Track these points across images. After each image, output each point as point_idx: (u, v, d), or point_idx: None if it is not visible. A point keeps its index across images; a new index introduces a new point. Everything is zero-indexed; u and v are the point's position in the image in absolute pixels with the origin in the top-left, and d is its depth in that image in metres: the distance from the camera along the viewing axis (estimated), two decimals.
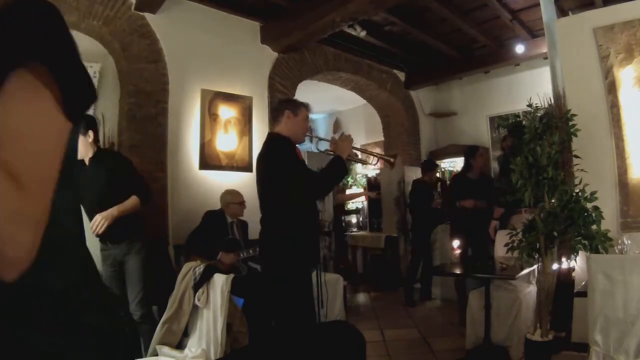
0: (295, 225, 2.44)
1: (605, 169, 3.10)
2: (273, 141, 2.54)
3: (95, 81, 3.67)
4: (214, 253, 3.28)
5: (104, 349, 0.58)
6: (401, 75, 6.59)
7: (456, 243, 3.69)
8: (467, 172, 4.49)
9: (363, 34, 4.98)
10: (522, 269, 2.82)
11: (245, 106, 4.47)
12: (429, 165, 5.35)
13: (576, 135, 2.98)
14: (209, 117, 4.18)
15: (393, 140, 6.89)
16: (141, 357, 2.81)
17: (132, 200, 2.77)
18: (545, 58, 4.49)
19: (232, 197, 3.64)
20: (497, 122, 5.24)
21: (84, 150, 2.72)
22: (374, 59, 5.97)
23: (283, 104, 2.63)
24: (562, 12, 4.18)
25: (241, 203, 3.66)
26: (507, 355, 2.95)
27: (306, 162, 5.03)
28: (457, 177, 4.95)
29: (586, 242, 2.65)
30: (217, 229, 3.48)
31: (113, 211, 2.66)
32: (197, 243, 3.34)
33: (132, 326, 2.79)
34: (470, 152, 4.48)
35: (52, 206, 0.49)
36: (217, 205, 3.68)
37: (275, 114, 2.62)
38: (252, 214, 3.87)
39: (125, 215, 2.70)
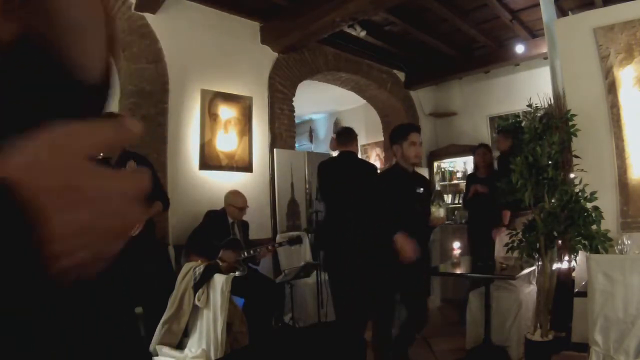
0: None
1: (605, 169, 3.10)
2: None
3: None
4: (215, 252, 3.28)
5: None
6: (401, 75, 6.59)
7: (457, 244, 3.68)
8: (475, 170, 4.59)
9: (363, 34, 4.98)
10: (522, 269, 2.82)
11: (245, 106, 4.47)
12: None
13: (576, 135, 2.98)
14: (209, 117, 4.18)
15: None
16: None
17: (158, 206, 2.86)
18: (545, 58, 4.49)
19: (234, 201, 3.60)
20: (497, 122, 5.25)
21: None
22: (374, 59, 5.97)
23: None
24: (562, 12, 4.18)
25: (241, 209, 3.60)
26: (507, 355, 2.95)
27: (305, 163, 5.06)
28: (467, 176, 5.02)
29: (586, 242, 2.65)
30: (218, 228, 3.48)
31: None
32: (198, 242, 3.34)
33: None
34: (473, 151, 4.55)
35: None
36: (217, 206, 3.68)
37: (351, 139, 3.42)
38: (254, 215, 3.89)
39: None
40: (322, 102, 7.89)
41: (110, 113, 0.50)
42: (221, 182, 4.12)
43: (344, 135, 3.45)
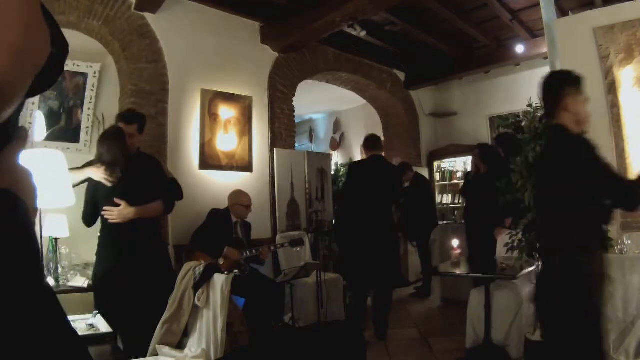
0: None
1: None
2: None
3: (95, 81, 3.68)
4: (218, 251, 3.28)
5: None
6: (401, 75, 6.59)
7: (456, 242, 3.68)
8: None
9: (363, 34, 4.98)
10: (522, 269, 2.82)
11: (245, 106, 4.47)
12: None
13: None
14: (209, 117, 4.18)
15: (393, 140, 6.89)
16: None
17: (155, 206, 2.78)
18: (545, 58, 4.49)
19: (241, 199, 3.63)
20: (497, 122, 5.24)
21: (135, 146, 2.76)
22: (374, 59, 5.97)
23: None
24: (562, 12, 4.18)
25: (248, 206, 3.66)
26: (507, 355, 2.94)
27: (305, 163, 5.07)
28: (466, 174, 5.05)
29: None
30: (221, 227, 3.49)
31: (136, 211, 2.64)
32: (202, 240, 3.35)
33: None
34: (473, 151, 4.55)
35: None
36: (217, 205, 3.68)
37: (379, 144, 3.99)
38: (254, 214, 3.88)
39: None
40: (322, 102, 7.89)
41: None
42: (221, 182, 4.12)
43: (372, 141, 3.98)
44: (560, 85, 1.87)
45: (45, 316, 0.55)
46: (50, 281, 2.75)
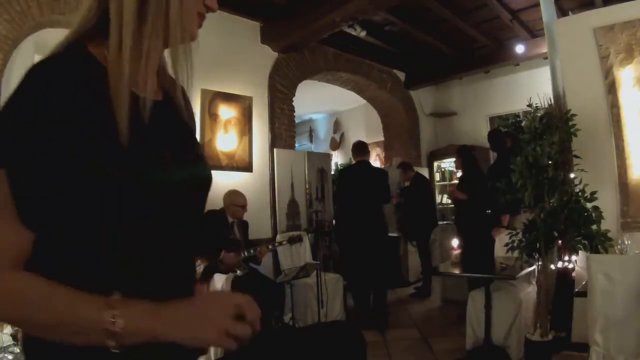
0: None
1: (605, 169, 3.10)
2: None
3: None
4: (215, 253, 3.28)
5: None
6: (401, 75, 6.59)
7: (455, 242, 3.67)
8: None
9: (363, 34, 4.98)
10: (522, 269, 2.82)
11: (245, 106, 4.47)
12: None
13: (576, 135, 2.98)
14: (209, 117, 4.18)
15: (393, 140, 6.89)
16: None
17: None
18: (545, 58, 4.49)
19: (236, 199, 3.63)
20: (497, 122, 5.25)
21: None
22: (374, 59, 5.97)
23: None
24: (562, 12, 4.18)
25: (243, 207, 3.65)
26: (507, 356, 2.94)
27: (305, 163, 5.07)
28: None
29: (586, 242, 2.65)
30: (218, 228, 3.48)
31: None
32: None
33: None
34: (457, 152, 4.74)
35: None
36: (217, 206, 3.68)
37: (367, 150, 4.30)
38: (254, 214, 3.88)
39: None
40: (322, 102, 7.89)
41: None
42: (221, 182, 4.11)
43: (361, 147, 4.28)
44: None
45: None
46: None
